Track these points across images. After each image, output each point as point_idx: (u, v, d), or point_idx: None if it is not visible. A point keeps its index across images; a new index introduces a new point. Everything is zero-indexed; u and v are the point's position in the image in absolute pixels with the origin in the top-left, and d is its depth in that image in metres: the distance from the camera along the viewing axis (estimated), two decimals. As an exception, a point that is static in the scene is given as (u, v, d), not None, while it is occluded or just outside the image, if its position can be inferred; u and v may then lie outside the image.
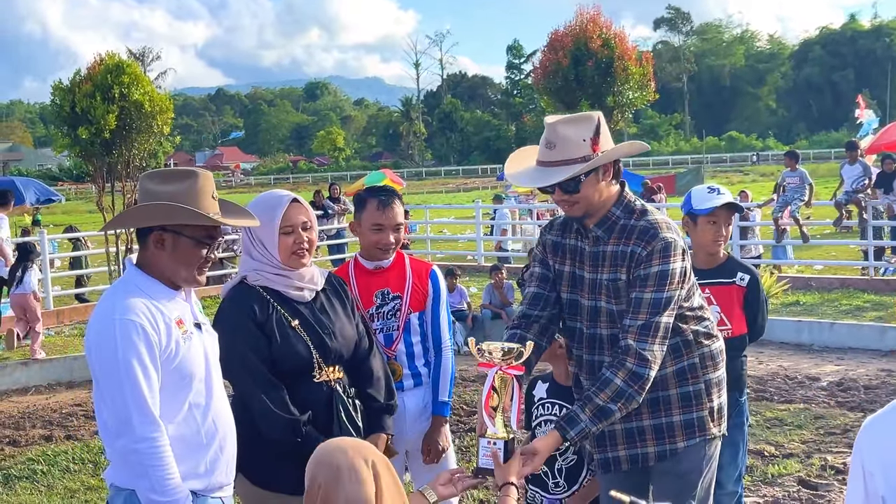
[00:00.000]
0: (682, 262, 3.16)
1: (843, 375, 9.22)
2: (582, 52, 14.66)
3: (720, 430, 3.35)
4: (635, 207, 3.25)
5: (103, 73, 13.47)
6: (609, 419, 3.10)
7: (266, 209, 3.36)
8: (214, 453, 3.11)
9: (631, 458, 3.35)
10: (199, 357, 3.07)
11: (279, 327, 3.32)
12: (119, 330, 2.88)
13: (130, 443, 2.89)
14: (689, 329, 3.28)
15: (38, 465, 7.38)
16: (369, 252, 4.05)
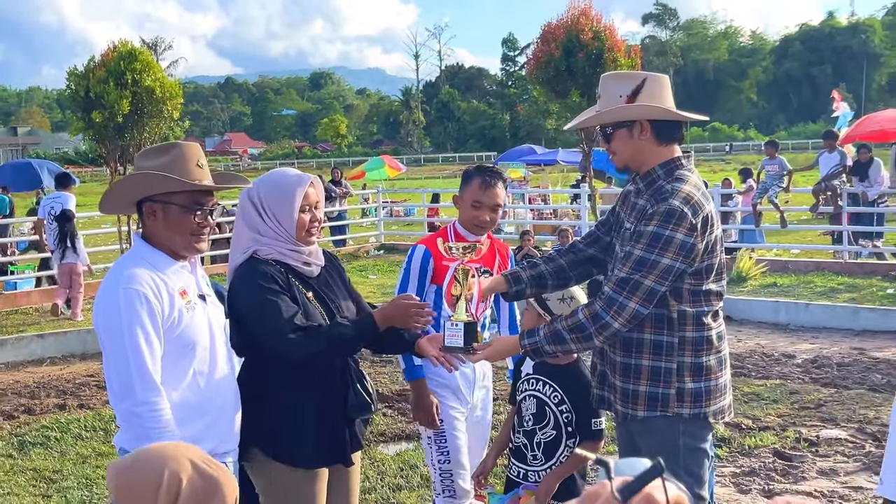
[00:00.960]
0: (683, 235, 3.02)
1: (817, 353, 9.23)
2: (573, 43, 14.56)
3: (689, 411, 3.19)
4: (677, 173, 3.18)
5: (116, 60, 13.40)
6: (563, 346, 3.12)
7: (286, 187, 3.30)
8: (216, 419, 3.12)
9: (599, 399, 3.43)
10: (202, 326, 3.07)
11: (299, 296, 3.26)
12: (123, 298, 2.89)
13: (132, 406, 2.90)
14: (676, 307, 3.14)
15: (52, 432, 7.38)
16: (468, 227, 4.09)
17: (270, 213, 3.29)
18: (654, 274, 3.02)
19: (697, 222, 3.05)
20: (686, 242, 3.03)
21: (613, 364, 3.27)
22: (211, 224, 3.13)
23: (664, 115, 3.22)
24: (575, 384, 3.63)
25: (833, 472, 5.95)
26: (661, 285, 3.04)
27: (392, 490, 5.91)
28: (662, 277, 3.03)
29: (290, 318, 3.13)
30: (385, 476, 6.13)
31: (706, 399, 3.21)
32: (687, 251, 3.04)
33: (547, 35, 15.12)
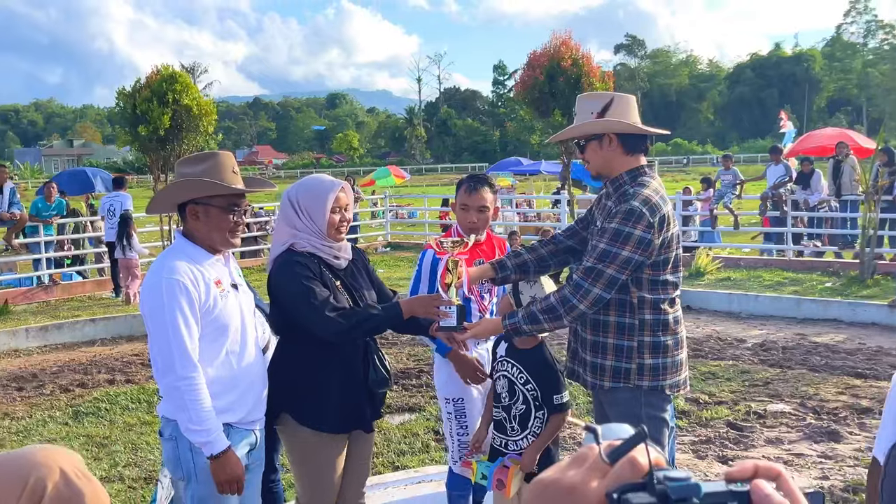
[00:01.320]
0: (641, 232, 3.05)
1: (765, 338, 9.24)
2: (555, 69, 14.52)
3: (648, 384, 3.21)
4: (640, 179, 3.21)
5: (159, 82, 13.38)
6: (538, 325, 3.17)
7: (320, 191, 3.31)
8: (246, 392, 3.13)
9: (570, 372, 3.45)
10: (235, 311, 3.08)
11: (329, 283, 3.27)
12: (165, 287, 2.90)
13: (173, 380, 2.91)
14: (636, 294, 3.17)
15: (103, 403, 7.38)
16: (462, 228, 4.09)
17: (305, 213, 3.30)
18: (616, 264, 3.06)
19: (654, 221, 3.09)
20: (644, 238, 3.07)
21: (584, 341, 3.31)
22: (243, 222, 3.14)
23: (628, 129, 3.25)
24: (537, 366, 3.63)
25: (778, 441, 5.96)
26: (621, 274, 3.08)
27: (397, 454, 5.91)
28: (622, 267, 3.07)
29: (325, 300, 3.15)
30: (391, 442, 6.13)
31: (663, 373, 3.23)
32: (644, 246, 3.07)
33: (532, 62, 15.09)
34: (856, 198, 13.75)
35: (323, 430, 3.31)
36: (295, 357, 3.34)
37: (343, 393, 3.31)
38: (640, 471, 0.65)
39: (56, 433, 6.63)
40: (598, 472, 0.67)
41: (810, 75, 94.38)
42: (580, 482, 0.67)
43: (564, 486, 0.67)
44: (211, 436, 2.92)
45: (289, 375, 3.32)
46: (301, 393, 3.30)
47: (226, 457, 2.95)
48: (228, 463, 2.95)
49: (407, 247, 19.19)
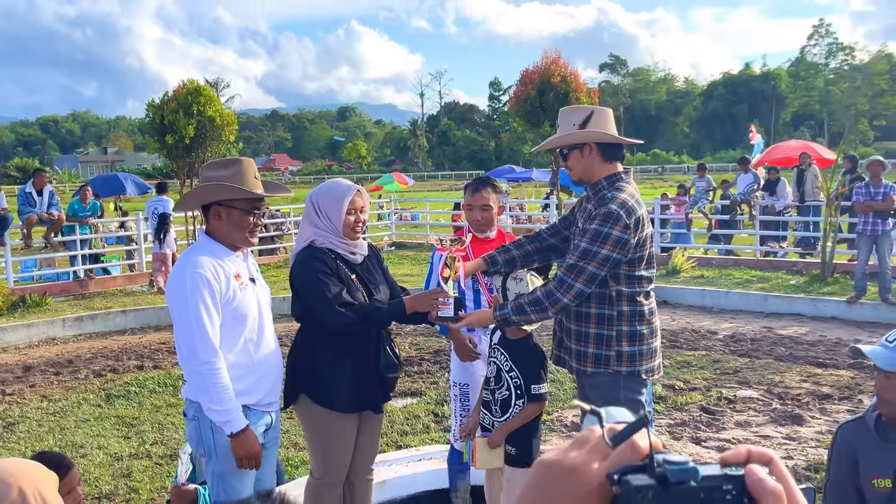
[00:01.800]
0: (618, 232, 3.08)
1: (735, 330, 9.23)
2: (546, 85, 14.49)
3: (626, 369, 3.22)
4: (617, 184, 3.23)
5: (185, 95, 13.36)
6: (525, 316, 3.20)
7: (337, 194, 3.32)
8: (263, 377, 3.13)
9: (557, 359, 3.45)
10: (252, 303, 3.09)
11: (345, 278, 3.28)
12: (189, 280, 2.92)
13: (196, 365, 2.91)
14: (615, 287, 3.19)
15: (132, 387, 7.36)
16: (470, 225, 4.12)
17: (324, 213, 3.31)
18: (596, 262, 3.09)
19: (630, 223, 3.11)
20: (621, 238, 3.09)
21: (569, 331, 3.32)
22: (262, 223, 3.15)
23: (607, 139, 3.28)
24: (522, 356, 3.60)
25: (747, 424, 5.95)
26: (600, 270, 3.11)
27: (400, 435, 5.90)
28: (602, 264, 3.10)
29: (336, 294, 3.16)
30: (394, 424, 6.12)
31: (639, 360, 3.25)
32: (621, 245, 3.10)
33: (525, 78, 15.08)
34: (818, 203, 13.74)
35: (336, 409, 3.32)
36: (312, 343, 3.34)
37: (355, 376, 3.32)
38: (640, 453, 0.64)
39: (90, 414, 6.61)
40: (600, 454, 0.66)
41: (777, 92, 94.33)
42: (581, 463, 0.65)
43: (566, 467, 0.66)
44: (231, 415, 2.92)
45: (306, 359, 3.34)
46: (317, 375, 3.31)
47: (244, 435, 2.94)
48: (247, 440, 2.95)
49: (410, 246, 19.16)
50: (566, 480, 0.65)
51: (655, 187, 35.81)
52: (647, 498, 0.60)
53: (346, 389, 3.30)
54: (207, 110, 13.43)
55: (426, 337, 9.22)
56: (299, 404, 3.38)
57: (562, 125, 3.33)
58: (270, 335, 3.20)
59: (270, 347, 3.18)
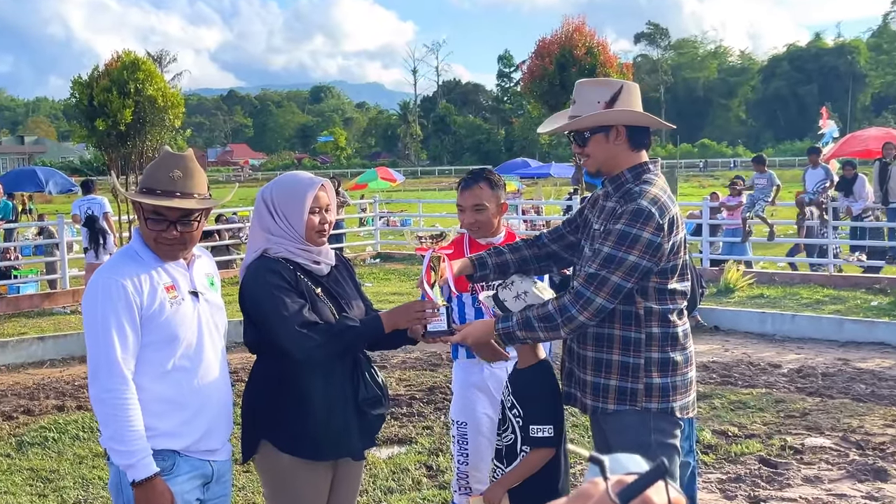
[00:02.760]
0: (650, 234, 3.06)
1: (802, 363, 9.20)
2: (567, 58, 14.54)
3: (657, 406, 3.21)
4: (644, 177, 3.22)
5: (120, 70, 13.40)
6: (532, 333, 3.17)
7: (298, 189, 3.30)
8: (198, 415, 3.11)
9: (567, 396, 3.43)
10: (189, 321, 3.07)
11: (308, 292, 3.25)
12: (102, 287, 2.95)
13: (98, 392, 2.92)
14: (642, 304, 3.18)
15: (50, 432, 7.31)
16: (467, 231, 4.16)
17: (281, 214, 3.29)
18: (621, 270, 3.06)
19: (664, 223, 3.09)
20: (652, 241, 3.07)
21: (584, 359, 3.29)
22: (174, 236, 3.04)
23: (643, 121, 3.27)
24: (524, 387, 3.56)
25: (818, 480, 5.90)
26: (627, 282, 3.08)
27: (383, 492, 5.85)
28: (629, 274, 3.07)
29: (296, 312, 3.14)
30: (377, 479, 6.08)
31: (673, 394, 3.23)
32: (653, 250, 3.07)
33: (541, 49, 15.12)
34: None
35: (305, 456, 3.27)
36: (272, 375, 3.31)
37: (328, 414, 3.27)
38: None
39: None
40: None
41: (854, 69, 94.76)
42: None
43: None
44: (134, 458, 2.89)
45: (265, 396, 3.30)
46: (279, 416, 3.27)
47: (150, 485, 2.91)
48: (153, 492, 2.91)
49: (399, 258, 19.16)
50: None
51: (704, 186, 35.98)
52: None
53: (316, 431, 3.26)
54: (147, 89, 13.46)
55: (418, 371, 9.18)
56: (260, 453, 3.33)
57: (580, 102, 3.29)
58: (214, 364, 3.17)
59: (212, 378, 3.15)
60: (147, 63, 13.96)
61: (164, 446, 2.99)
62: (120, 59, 13.70)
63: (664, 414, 3.23)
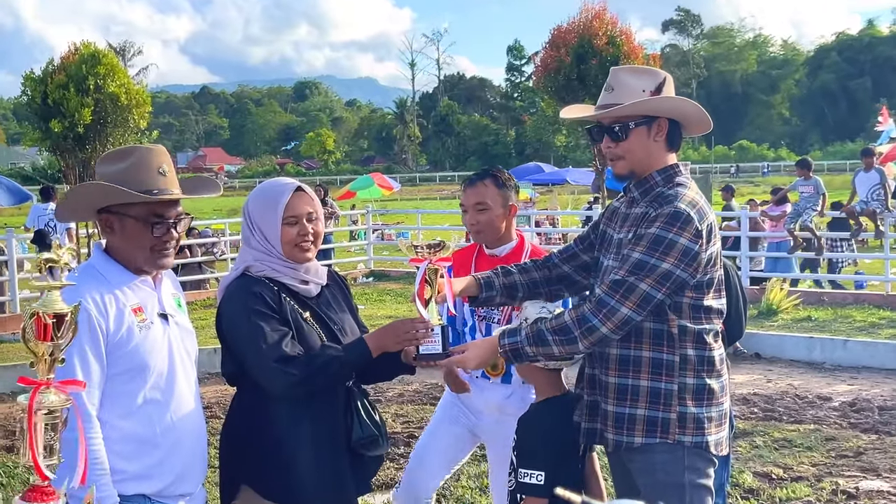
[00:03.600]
0: (688, 241, 3.06)
1: (856, 395, 9.18)
2: (586, 49, 14.57)
3: (691, 439, 3.19)
4: (677, 179, 3.24)
5: (77, 64, 13.41)
6: (545, 348, 3.13)
7: (268, 198, 3.29)
8: (171, 455, 3.08)
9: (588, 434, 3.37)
10: (160, 348, 3.06)
11: (293, 317, 3.24)
12: None
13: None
14: (676, 322, 3.17)
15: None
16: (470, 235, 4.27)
17: (256, 227, 3.30)
18: (652, 278, 3.05)
19: (703, 229, 3.11)
20: (690, 249, 3.08)
21: (606, 387, 3.26)
22: (174, 237, 3.09)
23: (697, 115, 3.32)
24: (528, 425, 3.54)
25: (875, 529, 5.89)
26: (657, 291, 3.07)
27: (378, 545, 5.84)
28: (660, 283, 3.06)
29: (275, 344, 3.12)
30: (371, 529, 6.06)
31: (708, 426, 3.22)
32: (690, 259, 3.08)
33: (557, 39, 15.14)
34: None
35: (292, 502, 3.27)
36: (254, 411, 3.30)
37: (318, 456, 3.27)
38: None
39: (-64, 515, 6.56)
40: None
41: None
42: None
43: None
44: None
45: (248, 435, 3.29)
46: (263, 456, 3.27)
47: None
48: None
49: (395, 277, 19.15)
50: None
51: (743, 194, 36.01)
52: None
53: (306, 475, 3.25)
54: (109, 85, 13.49)
55: (417, 405, 9.17)
56: (241, 500, 3.32)
57: (619, 89, 3.27)
58: (188, 395, 3.16)
59: (185, 412, 3.14)
60: (108, 56, 14.00)
61: (133, 491, 2.97)
62: (78, 52, 13.73)
63: (698, 449, 3.21)
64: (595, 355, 3.30)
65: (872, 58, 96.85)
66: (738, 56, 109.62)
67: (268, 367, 3.11)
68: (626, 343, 3.18)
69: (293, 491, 3.25)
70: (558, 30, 15.29)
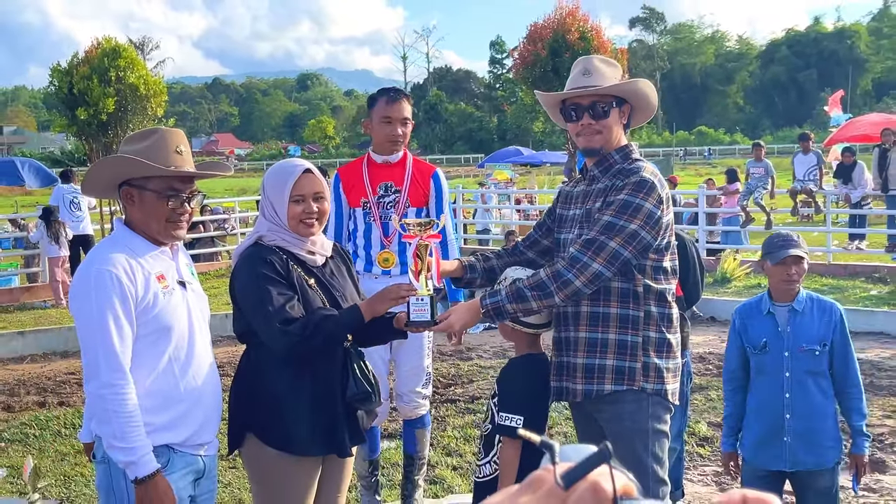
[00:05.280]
0: (652, 206, 3.14)
1: (800, 354, 9.22)
2: (560, 44, 14.53)
3: (653, 387, 3.25)
4: (632, 156, 3.32)
5: (100, 57, 13.34)
6: (524, 304, 3.15)
7: (279, 177, 3.31)
8: (193, 409, 3.09)
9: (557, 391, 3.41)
10: (181, 312, 3.06)
11: (299, 283, 3.25)
12: (95, 280, 2.90)
13: (97, 388, 2.88)
14: (641, 281, 3.23)
15: (31, 429, 7.32)
16: (381, 146, 4.45)
17: (269, 201, 3.32)
18: (620, 237, 3.11)
19: (664, 197, 3.19)
20: (653, 213, 3.14)
21: (575, 342, 3.31)
22: (188, 211, 3.10)
23: (654, 99, 3.41)
24: (508, 376, 3.59)
25: (815, 471, 5.93)
26: (624, 249, 3.12)
27: (373, 488, 5.86)
28: (627, 242, 3.12)
29: (280, 308, 3.13)
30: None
31: (667, 375, 3.29)
32: (653, 222, 3.15)
33: (533, 35, 15.09)
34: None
35: (291, 451, 3.28)
36: (260, 368, 3.32)
37: (316, 409, 3.28)
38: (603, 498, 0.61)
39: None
40: (555, 500, 0.63)
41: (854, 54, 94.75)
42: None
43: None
44: (136, 455, 2.87)
45: (253, 389, 3.31)
46: (267, 409, 3.28)
47: (153, 482, 2.90)
48: (156, 489, 2.90)
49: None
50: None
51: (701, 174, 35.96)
52: None
53: (303, 426, 3.27)
54: (129, 76, 13.42)
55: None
56: (246, 447, 3.34)
57: (597, 74, 3.31)
58: (205, 355, 3.17)
59: (204, 371, 3.15)
60: (128, 50, 13.91)
61: (160, 442, 2.97)
62: (100, 47, 13.64)
63: (659, 397, 3.27)
64: (567, 315, 3.33)
65: (818, 52, 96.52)
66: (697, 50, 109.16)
67: (272, 328, 3.12)
68: (596, 301, 3.24)
69: (292, 440, 3.27)
70: (535, 26, 15.22)
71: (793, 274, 3.86)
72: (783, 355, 3.91)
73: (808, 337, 3.91)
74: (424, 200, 4.66)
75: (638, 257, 3.18)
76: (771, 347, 3.93)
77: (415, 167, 4.65)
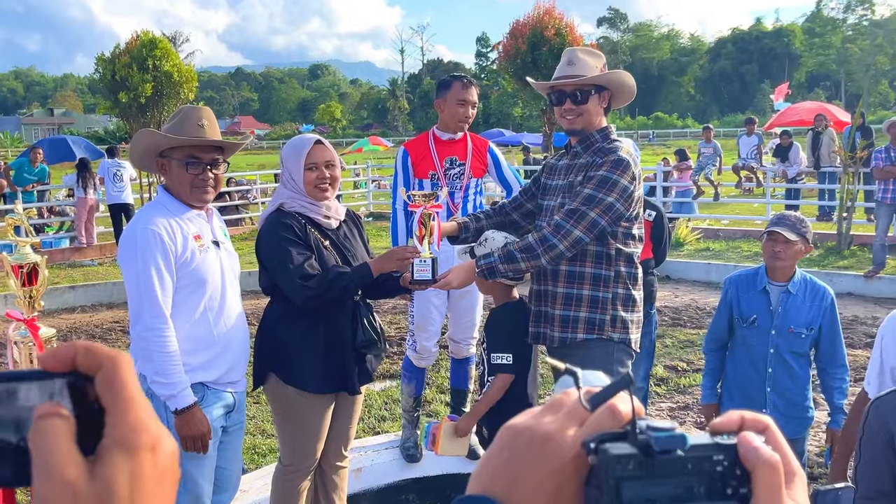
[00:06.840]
0: (627, 182, 3.14)
1: (742, 307, 9.28)
2: (538, 38, 14.39)
3: (619, 336, 3.26)
4: (611, 137, 3.30)
5: (139, 48, 13.20)
6: (514, 264, 3.14)
7: (296, 149, 3.29)
8: (224, 352, 3.10)
9: (535, 336, 3.42)
10: (214, 267, 3.05)
11: (315, 244, 3.24)
12: (140, 237, 2.89)
13: (141, 331, 2.89)
14: (613, 246, 3.23)
15: (82, 369, 7.30)
16: (450, 124, 4.41)
17: (287, 171, 3.29)
18: (599, 208, 3.11)
19: (637, 174, 3.19)
20: (627, 188, 3.15)
21: (553, 296, 3.32)
22: (209, 177, 3.05)
23: (631, 90, 3.35)
24: (493, 322, 3.58)
25: (755, 407, 5.98)
26: (602, 219, 3.12)
27: (378, 420, 5.90)
28: (605, 213, 3.12)
29: (300, 265, 3.12)
30: (371, 409, 6.12)
31: (631, 327, 3.30)
32: (627, 195, 3.15)
33: (515, 31, 14.95)
34: (834, 170, 13.79)
35: (308, 389, 3.29)
36: (281, 317, 3.31)
37: (328, 353, 3.28)
38: (620, 420, 0.59)
39: (35, 399, 6.56)
40: (576, 420, 0.60)
41: (790, 50, 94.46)
42: (556, 430, 0.60)
43: (539, 434, 0.60)
44: (175, 389, 2.89)
45: (275, 335, 3.31)
46: (287, 353, 3.28)
47: (190, 413, 2.92)
48: (193, 419, 2.92)
49: (389, 217, 19.07)
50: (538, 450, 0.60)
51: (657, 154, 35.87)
52: (627, 468, 0.56)
53: (318, 368, 3.27)
54: (164, 65, 13.27)
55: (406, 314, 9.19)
56: (268, 385, 3.35)
57: (580, 65, 3.28)
58: (235, 306, 3.16)
59: (234, 320, 3.15)
60: (163, 41, 13.74)
61: (195, 380, 2.99)
62: (139, 39, 13.49)
63: (623, 345, 3.29)
64: (547, 272, 3.32)
65: (759, 48, 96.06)
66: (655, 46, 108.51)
67: (292, 283, 3.11)
68: (573, 262, 3.24)
69: (308, 380, 3.28)
70: (516, 24, 15.06)
71: (778, 252, 3.61)
72: (770, 333, 3.68)
73: (798, 320, 3.66)
74: (483, 172, 4.60)
75: (612, 225, 3.18)
76: (759, 324, 3.71)
77: (473, 143, 4.57)
